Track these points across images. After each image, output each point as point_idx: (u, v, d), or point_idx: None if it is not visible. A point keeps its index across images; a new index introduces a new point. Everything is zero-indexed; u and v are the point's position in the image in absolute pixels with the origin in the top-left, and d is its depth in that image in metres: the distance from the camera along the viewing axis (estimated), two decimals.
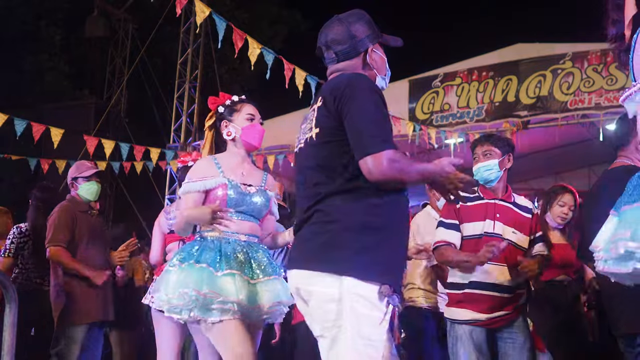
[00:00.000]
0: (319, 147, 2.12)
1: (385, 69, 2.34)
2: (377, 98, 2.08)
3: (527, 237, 3.39)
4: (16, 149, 9.67)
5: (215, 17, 5.78)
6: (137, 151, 8.82)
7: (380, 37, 2.32)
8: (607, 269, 1.73)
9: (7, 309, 2.73)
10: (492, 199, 3.38)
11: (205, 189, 2.85)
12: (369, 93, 2.08)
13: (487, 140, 3.45)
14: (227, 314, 2.68)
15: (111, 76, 13.31)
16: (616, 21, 1.93)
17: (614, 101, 7.70)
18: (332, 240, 2.00)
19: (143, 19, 13.25)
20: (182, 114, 10.64)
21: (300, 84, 6.12)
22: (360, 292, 1.95)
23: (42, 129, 7.48)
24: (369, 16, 2.32)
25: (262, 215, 2.98)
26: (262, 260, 2.87)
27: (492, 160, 3.34)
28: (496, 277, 3.24)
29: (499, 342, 3.28)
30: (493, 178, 3.35)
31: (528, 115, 8.35)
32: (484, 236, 3.30)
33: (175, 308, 2.72)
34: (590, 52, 7.95)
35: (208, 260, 2.72)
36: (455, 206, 3.41)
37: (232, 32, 5.80)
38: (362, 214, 2.00)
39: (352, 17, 2.30)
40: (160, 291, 2.77)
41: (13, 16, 12.08)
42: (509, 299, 3.25)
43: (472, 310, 3.26)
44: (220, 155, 2.99)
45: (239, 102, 3.01)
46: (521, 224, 3.37)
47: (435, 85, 8.95)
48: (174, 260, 2.83)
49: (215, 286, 2.66)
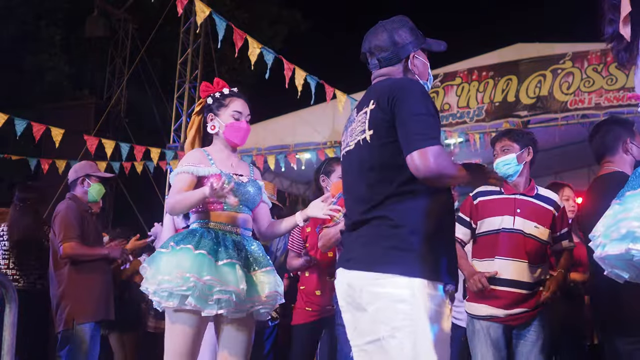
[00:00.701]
0: (373, 149, 2.19)
1: (428, 74, 2.41)
2: (427, 101, 2.16)
3: (550, 230, 3.35)
4: (16, 149, 9.68)
5: (215, 17, 5.78)
6: (137, 151, 8.81)
7: (423, 43, 2.37)
8: (605, 253, 1.72)
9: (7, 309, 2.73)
10: (512, 194, 3.37)
11: (198, 174, 2.82)
12: (420, 95, 2.15)
13: (504, 135, 3.45)
14: (225, 305, 2.64)
15: (111, 76, 13.31)
16: (612, 21, 1.92)
17: (614, 101, 7.70)
18: (400, 244, 2.10)
19: (143, 19, 13.25)
20: (182, 114, 10.64)
21: (300, 84, 6.11)
22: (431, 292, 2.09)
23: (42, 129, 7.47)
24: (412, 22, 2.39)
25: (255, 205, 2.97)
26: (256, 252, 2.87)
27: (510, 155, 3.31)
28: (516, 274, 3.23)
29: (515, 339, 3.27)
30: (512, 172, 3.30)
31: (528, 115, 8.34)
32: (501, 232, 3.30)
33: (163, 291, 2.62)
34: (590, 52, 7.95)
35: (207, 247, 2.67)
36: (471, 201, 3.44)
37: (232, 32, 5.80)
38: (424, 217, 2.13)
39: (395, 23, 2.36)
40: (149, 273, 2.68)
41: (13, 16, 12.08)
42: (528, 296, 3.23)
43: (490, 305, 3.26)
44: (209, 148, 2.99)
45: (228, 96, 2.99)
46: (544, 218, 3.34)
47: (435, 85, 8.94)
48: (166, 243, 2.76)
49: (216, 274, 2.62)
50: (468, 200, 3.49)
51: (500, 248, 3.28)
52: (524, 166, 3.35)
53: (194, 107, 11.09)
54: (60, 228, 4.08)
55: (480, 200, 3.44)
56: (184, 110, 10.60)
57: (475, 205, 3.43)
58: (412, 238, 2.10)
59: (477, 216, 3.41)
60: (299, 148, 9.14)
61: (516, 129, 3.64)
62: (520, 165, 3.32)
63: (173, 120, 10.75)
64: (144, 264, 2.74)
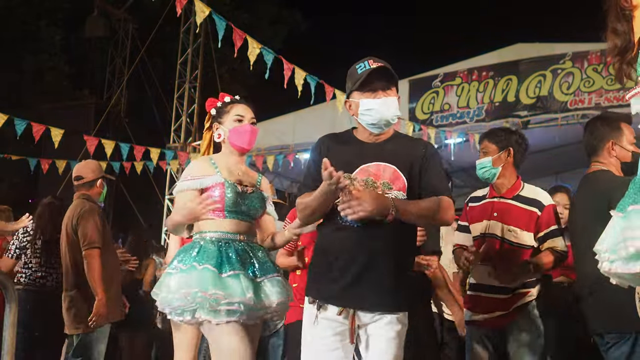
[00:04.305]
0: None
1: (361, 111, 2.53)
2: (312, 151, 2.63)
3: (532, 233, 3.23)
4: (16, 149, 9.67)
5: (215, 17, 5.77)
6: (137, 151, 8.82)
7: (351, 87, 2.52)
8: (614, 269, 1.71)
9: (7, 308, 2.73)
10: (492, 197, 3.33)
11: (201, 187, 2.82)
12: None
13: (485, 137, 3.40)
14: (234, 315, 2.65)
15: (111, 76, 13.31)
16: (619, 32, 1.87)
17: (614, 101, 7.71)
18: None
19: (143, 19, 13.26)
20: (182, 114, 10.65)
21: (300, 84, 6.11)
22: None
23: (42, 129, 7.47)
24: (353, 66, 2.53)
25: (257, 216, 2.96)
26: (262, 259, 2.86)
27: (485, 159, 3.30)
28: (492, 279, 3.21)
29: (508, 342, 3.23)
30: (488, 176, 3.30)
31: (528, 115, 8.35)
32: (479, 237, 3.29)
33: (177, 309, 2.69)
34: (590, 52, 7.95)
35: (210, 261, 2.69)
36: (466, 207, 3.44)
37: (232, 32, 5.80)
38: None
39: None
40: (162, 293, 2.74)
41: (13, 16, 12.09)
42: (506, 300, 3.20)
43: (472, 311, 3.30)
44: (216, 156, 2.98)
45: (229, 104, 2.99)
46: (524, 220, 3.22)
47: (435, 85, 8.95)
48: (174, 263, 2.80)
49: (221, 287, 2.64)
50: (464, 206, 3.49)
51: (481, 253, 3.24)
52: (503, 168, 3.29)
53: (193, 107, 11.12)
54: (92, 231, 3.99)
55: (470, 205, 3.44)
56: (184, 110, 10.60)
57: (468, 210, 3.43)
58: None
59: (469, 221, 3.40)
60: (299, 148, 9.15)
61: (498, 129, 3.54)
62: (497, 168, 3.28)
63: (173, 120, 10.76)
64: (157, 284, 2.81)
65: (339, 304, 2.37)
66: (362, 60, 2.46)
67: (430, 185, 2.41)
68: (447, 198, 2.40)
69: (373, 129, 2.47)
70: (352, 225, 2.35)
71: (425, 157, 2.44)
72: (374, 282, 2.34)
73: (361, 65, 2.44)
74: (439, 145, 8.99)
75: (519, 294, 3.23)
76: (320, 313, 2.39)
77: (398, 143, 2.51)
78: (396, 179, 2.39)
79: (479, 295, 3.28)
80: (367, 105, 2.43)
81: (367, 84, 2.42)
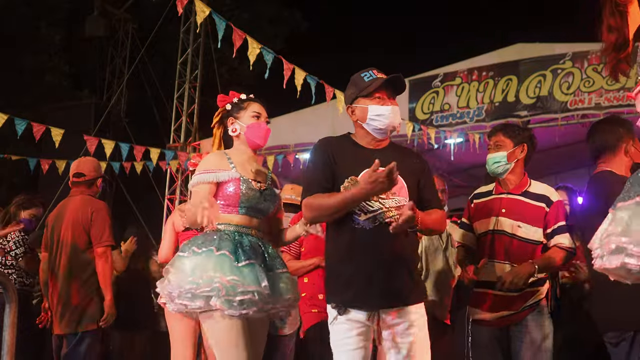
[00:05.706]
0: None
1: (369, 116, 2.69)
2: (313, 154, 2.73)
3: (541, 229, 3.20)
4: (16, 149, 9.67)
5: (215, 16, 5.77)
6: (137, 151, 8.81)
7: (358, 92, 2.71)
8: (602, 265, 1.73)
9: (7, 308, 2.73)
10: (500, 194, 3.30)
11: (217, 180, 2.82)
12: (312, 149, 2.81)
13: (500, 130, 3.36)
14: (247, 307, 2.61)
15: (111, 76, 13.32)
16: (614, 28, 1.86)
17: (614, 101, 7.71)
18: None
19: (143, 19, 13.26)
20: (182, 114, 10.64)
21: (300, 84, 6.11)
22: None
23: (42, 129, 7.46)
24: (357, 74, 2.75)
25: (269, 213, 2.98)
26: (273, 254, 2.88)
27: (500, 152, 3.25)
28: (500, 276, 3.14)
29: (512, 341, 3.18)
30: (501, 171, 3.26)
31: (528, 115, 8.34)
32: (488, 233, 3.25)
33: (187, 293, 2.61)
34: (590, 52, 7.94)
35: (227, 248, 2.68)
36: (469, 205, 3.41)
37: (232, 31, 5.79)
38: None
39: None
40: (172, 276, 2.67)
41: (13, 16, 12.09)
42: (515, 298, 3.14)
43: (479, 309, 3.24)
44: (230, 151, 2.99)
45: (246, 100, 3.02)
46: (532, 217, 3.19)
47: (435, 85, 8.95)
48: (186, 247, 2.74)
49: (238, 275, 2.61)
50: (467, 204, 3.46)
51: (489, 250, 3.22)
52: (515, 164, 3.27)
53: (193, 107, 11.13)
54: (105, 228, 4.00)
55: (475, 202, 3.40)
56: (184, 110, 10.60)
57: (472, 207, 3.40)
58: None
59: (474, 218, 3.36)
60: (299, 148, 9.15)
61: (513, 125, 3.53)
62: (511, 163, 3.25)
63: (173, 120, 10.75)
64: (168, 267, 2.73)
65: (366, 309, 2.54)
66: (366, 70, 2.70)
67: (432, 199, 2.71)
68: (443, 211, 2.75)
69: (379, 134, 2.67)
70: (365, 228, 2.54)
71: (425, 172, 2.73)
72: (396, 279, 2.55)
73: (366, 74, 2.68)
74: (439, 145, 8.99)
75: (528, 292, 3.17)
76: (343, 316, 2.54)
77: (396, 151, 2.74)
78: (400, 187, 2.58)
79: (486, 292, 3.21)
80: (378, 111, 2.64)
81: (377, 91, 2.65)
